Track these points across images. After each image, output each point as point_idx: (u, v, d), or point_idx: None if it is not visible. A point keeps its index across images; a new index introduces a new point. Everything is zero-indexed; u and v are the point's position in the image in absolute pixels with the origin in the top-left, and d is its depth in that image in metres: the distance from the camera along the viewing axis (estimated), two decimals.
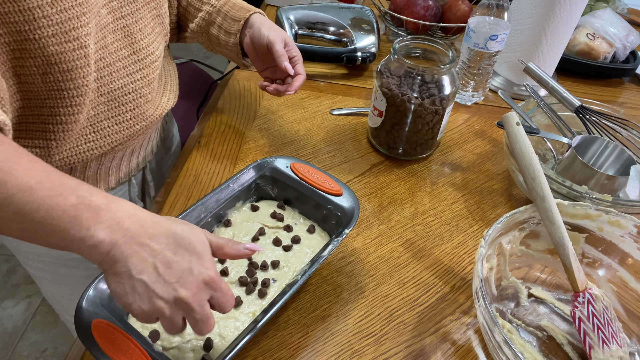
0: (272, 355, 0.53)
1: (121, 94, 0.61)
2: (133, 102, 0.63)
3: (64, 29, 0.49)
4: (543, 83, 0.81)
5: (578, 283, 0.56)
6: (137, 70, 0.62)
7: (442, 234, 0.69)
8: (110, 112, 0.61)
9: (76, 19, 0.49)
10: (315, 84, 0.98)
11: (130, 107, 0.63)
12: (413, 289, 0.61)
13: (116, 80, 0.60)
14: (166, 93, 0.73)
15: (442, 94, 0.72)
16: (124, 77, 0.61)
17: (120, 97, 0.61)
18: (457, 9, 1.06)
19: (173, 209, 0.69)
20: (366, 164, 0.79)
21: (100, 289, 0.48)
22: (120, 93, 0.61)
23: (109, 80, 0.59)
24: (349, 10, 1.06)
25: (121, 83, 0.61)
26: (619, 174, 0.70)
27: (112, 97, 0.60)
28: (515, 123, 0.59)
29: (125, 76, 0.61)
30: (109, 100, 0.60)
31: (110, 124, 0.62)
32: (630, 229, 0.58)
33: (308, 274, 0.53)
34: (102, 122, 0.61)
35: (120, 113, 0.62)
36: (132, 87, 0.62)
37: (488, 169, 0.81)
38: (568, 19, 0.90)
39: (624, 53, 1.09)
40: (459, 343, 0.56)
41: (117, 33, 0.58)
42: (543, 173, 0.57)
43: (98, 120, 0.60)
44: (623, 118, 0.77)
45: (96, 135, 0.61)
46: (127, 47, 0.60)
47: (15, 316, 1.59)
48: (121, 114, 0.63)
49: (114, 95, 0.60)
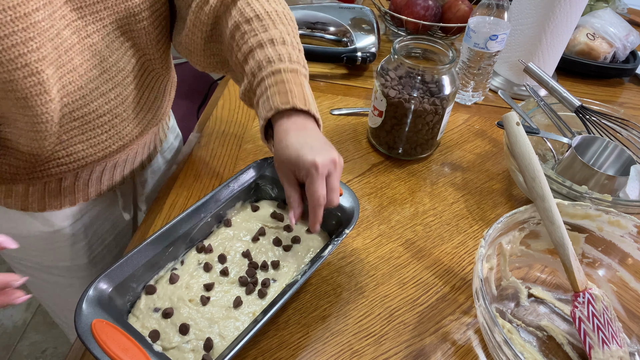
0: (272, 355, 0.53)
1: (96, 117, 0.59)
2: (109, 123, 0.61)
3: (9, 57, 0.45)
4: (543, 83, 0.81)
5: (578, 283, 0.56)
6: (109, 90, 0.59)
7: (442, 234, 0.69)
8: (84, 135, 0.59)
9: (22, 45, 0.45)
10: (315, 84, 0.98)
11: (105, 129, 0.61)
12: (413, 289, 0.61)
13: (89, 103, 0.57)
14: (153, 109, 0.68)
15: (442, 94, 0.72)
16: (98, 98, 0.58)
17: (95, 120, 0.59)
18: (457, 9, 1.06)
19: (173, 208, 0.69)
20: (366, 164, 0.79)
21: (100, 289, 0.48)
22: (94, 116, 0.58)
23: (82, 104, 0.56)
24: (349, 10, 1.06)
25: (95, 105, 0.58)
26: (619, 174, 0.70)
27: (86, 121, 0.58)
28: (515, 123, 0.59)
29: (99, 97, 0.58)
30: (83, 124, 0.58)
31: (84, 147, 0.60)
32: (630, 229, 0.58)
33: (308, 274, 0.53)
34: (76, 146, 0.59)
35: (95, 135, 0.60)
36: (107, 108, 0.59)
37: (488, 169, 0.81)
38: (568, 19, 0.90)
39: (624, 53, 1.09)
40: (459, 343, 0.56)
41: (84, 53, 0.54)
42: (543, 173, 0.57)
43: (71, 144, 0.58)
44: (623, 118, 0.77)
45: (69, 158, 0.60)
46: (96, 67, 0.56)
47: (15, 316, 1.59)
48: (96, 136, 0.60)
49: (88, 118, 0.58)
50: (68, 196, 0.67)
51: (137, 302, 0.52)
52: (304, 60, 0.58)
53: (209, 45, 0.62)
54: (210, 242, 0.59)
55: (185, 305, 0.52)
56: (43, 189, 0.65)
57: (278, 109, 0.52)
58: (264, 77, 0.54)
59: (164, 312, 0.51)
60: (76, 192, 0.68)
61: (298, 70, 0.55)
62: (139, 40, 0.60)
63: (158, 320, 0.51)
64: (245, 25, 0.57)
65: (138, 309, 0.52)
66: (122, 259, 0.51)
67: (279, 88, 0.53)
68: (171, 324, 0.51)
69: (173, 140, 0.89)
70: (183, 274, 0.56)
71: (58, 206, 0.67)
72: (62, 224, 0.70)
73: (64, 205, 0.68)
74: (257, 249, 0.59)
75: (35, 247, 0.72)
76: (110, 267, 0.50)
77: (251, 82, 0.56)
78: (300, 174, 0.52)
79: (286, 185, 0.54)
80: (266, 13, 0.57)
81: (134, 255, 0.52)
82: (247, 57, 0.56)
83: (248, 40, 0.56)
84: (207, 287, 0.54)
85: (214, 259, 0.58)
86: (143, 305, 0.52)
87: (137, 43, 0.60)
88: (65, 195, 0.67)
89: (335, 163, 0.52)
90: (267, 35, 0.56)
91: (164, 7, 0.61)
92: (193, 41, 0.62)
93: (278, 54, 0.55)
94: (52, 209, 0.67)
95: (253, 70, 0.56)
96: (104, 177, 0.70)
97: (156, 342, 0.49)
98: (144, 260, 0.52)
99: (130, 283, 0.52)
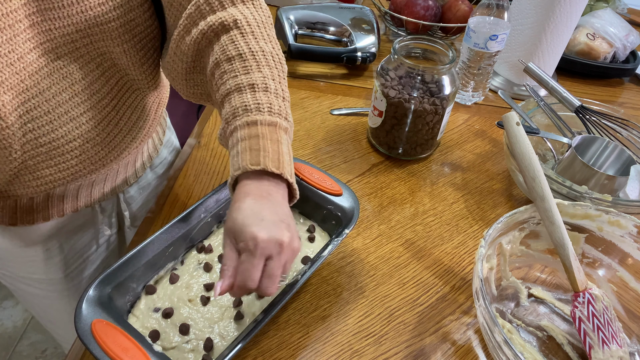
0: (272, 355, 0.53)
1: (65, 142, 0.55)
2: (79, 148, 0.57)
3: None
4: (543, 83, 0.81)
5: (578, 283, 0.56)
6: (81, 114, 0.55)
7: (442, 234, 0.69)
8: (52, 160, 0.56)
9: None
10: (315, 84, 0.98)
11: (75, 154, 0.57)
12: (413, 289, 0.61)
13: (58, 128, 0.54)
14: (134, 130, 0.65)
15: (442, 94, 0.72)
16: (67, 123, 0.54)
17: (64, 145, 0.55)
18: (457, 9, 1.06)
19: (173, 208, 0.69)
20: (366, 164, 0.79)
21: (100, 289, 0.48)
22: (63, 141, 0.55)
23: (50, 129, 0.53)
24: (349, 10, 1.06)
25: (64, 130, 0.54)
26: (619, 174, 0.70)
27: (54, 147, 0.55)
28: (515, 123, 0.59)
29: (69, 122, 0.54)
30: (50, 150, 0.54)
31: (52, 171, 0.57)
32: (630, 229, 0.58)
33: (308, 274, 0.53)
34: (43, 171, 0.56)
35: (64, 161, 0.57)
36: (78, 133, 0.56)
37: (488, 169, 0.81)
38: (568, 19, 0.90)
39: (624, 53, 1.09)
40: (459, 343, 0.56)
41: (53, 76, 0.51)
42: (543, 173, 0.57)
43: (38, 169, 0.55)
44: (623, 118, 0.77)
45: (36, 182, 0.57)
46: (66, 90, 0.53)
47: (15, 316, 1.59)
48: (65, 161, 0.57)
49: (56, 144, 0.55)
50: (41, 212, 0.64)
51: (137, 302, 0.52)
52: (287, 111, 0.50)
53: (191, 76, 0.57)
54: (210, 242, 0.59)
55: (185, 305, 0.52)
56: (15, 205, 0.61)
57: (246, 169, 0.45)
58: (237, 127, 0.48)
59: (164, 312, 0.51)
60: (50, 207, 0.64)
61: (278, 124, 0.48)
62: (119, 62, 0.57)
63: (158, 320, 0.51)
64: (226, 64, 0.50)
65: (138, 309, 0.52)
66: (122, 259, 0.51)
67: (251, 143, 0.46)
68: (171, 324, 0.51)
69: (167, 155, 0.84)
70: (183, 274, 0.56)
71: (30, 221, 0.64)
72: (36, 240, 0.67)
73: (37, 220, 0.64)
74: None
75: (10, 259, 0.70)
76: (111, 267, 0.50)
77: (225, 128, 0.50)
78: (239, 246, 0.44)
79: (226, 250, 0.45)
80: (250, 52, 0.50)
81: (134, 255, 0.52)
82: (224, 101, 0.50)
83: (227, 82, 0.50)
84: (207, 287, 0.54)
85: (214, 259, 0.58)
86: (143, 305, 0.52)
87: (117, 64, 0.57)
88: (38, 211, 0.64)
89: (282, 246, 0.43)
90: (248, 78, 0.49)
91: (144, 28, 0.56)
92: (174, 69, 0.57)
93: (257, 102, 0.48)
94: (25, 224, 0.64)
95: (227, 116, 0.49)
96: (81, 194, 0.66)
97: (156, 342, 0.49)
98: (144, 260, 0.52)
99: (130, 283, 0.52)
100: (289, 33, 0.99)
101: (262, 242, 0.42)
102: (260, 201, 0.44)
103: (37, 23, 0.48)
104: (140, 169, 0.77)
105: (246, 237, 0.42)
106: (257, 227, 0.42)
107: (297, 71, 1.01)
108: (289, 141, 0.50)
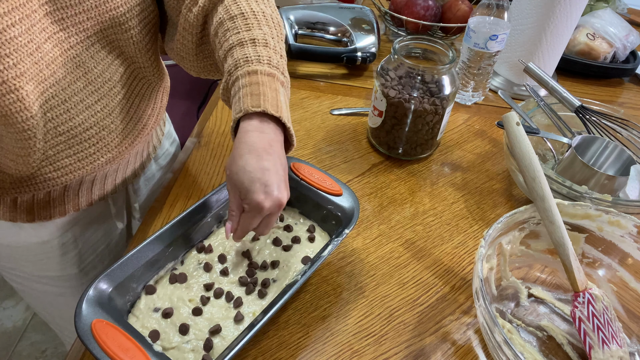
0: (272, 355, 0.53)
1: (82, 130, 0.57)
2: (96, 136, 0.59)
3: None
4: (543, 83, 0.81)
5: (578, 283, 0.56)
6: (95, 102, 0.57)
7: (442, 234, 0.69)
8: (71, 149, 0.58)
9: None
10: (315, 84, 0.98)
11: (93, 142, 0.59)
12: (413, 289, 0.61)
13: (75, 116, 0.56)
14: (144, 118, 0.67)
15: (442, 94, 0.72)
16: (83, 111, 0.56)
17: (81, 133, 0.57)
18: (457, 9, 1.06)
19: (173, 208, 0.69)
20: (366, 164, 0.79)
21: (100, 288, 0.48)
22: (80, 129, 0.57)
23: (66, 117, 0.55)
24: (349, 10, 1.06)
25: (81, 119, 0.56)
26: (619, 174, 0.70)
27: (72, 135, 0.57)
28: (515, 123, 0.59)
29: (84, 110, 0.56)
30: (69, 139, 0.57)
31: (72, 161, 0.59)
32: (630, 229, 0.58)
33: (308, 274, 0.53)
34: (63, 160, 0.58)
35: (83, 149, 0.59)
36: (94, 121, 0.58)
37: (488, 169, 0.81)
38: (568, 19, 0.90)
39: (624, 53, 1.09)
40: (459, 343, 0.56)
41: (67, 66, 0.53)
42: (543, 173, 0.57)
43: (58, 159, 0.57)
44: (623, 118, 0.77)
45: (57, 173, 0.59)
46: (80, 79, 0.55)
47: (15, 316, 1.59)
48: (83, 150, 0.59)
49: (74, 132, 0.57)
50: (58, 207, 0.66)
51: (137, 302, 0.52)
52: (284, 68, 0.55)
53: (200, 48, 0.61)
54: (210, 242, 0.59)
55: (185, 305, 0.52)
56: (32, 200, 0.63)
57: (247, 110, 0.49)
58: (239, 76, 0.52)
59: (164, 312, 0.51)
60: (66, 202, 0.66)
61: (275, 76, 0.52)
62: (127, 50, 0.59)
63: (158, 320, 0.51)
64: (229, 22, 0.54)
65: (138, 309, 0.52)
66: (122, 259, 0.51)
67: (252, 89, 0.50)
68: (171, 324, 0.51)
69: (169, 147, 0.87)
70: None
71: (48, 217, 0.66)
72: (52, 235, 0.69)
73: (54, 216, 0.66)
74: (257, 249, 0.59)
75: (25, 258, 0.71)
76: (111, 267, 0.50)
77: (227, 80, 0.53)
78: (244, 203, 0.50)
79: (231, 198, 0.51)
80: (252, 12, 0.55)
81: (134, 255, 0.52)
82: (227, 55, 0.54)
83: (229, 38, 0.54)
84: (207, 287, 0.54)
85: (214, 259, 0.58)
86: (143, 305, 0.52)
87: (125, 52, 0.59)
88: (54, 205, 0.66)
89: (281, 207, 0.49)
90: (250, 34, 0.54)
91: (153, 15, 0.60)
92: (185, 45, 0.60)
93: (258, 54, 0.52)
94: (42, 219, 0.66)
95: (230, 68, 0.53)
96: (95, 187, 0.68)
97: (156, 342, 0.49)
98: (144, 260, 0.52)
99: (130, 283, 0.52)
100: (289, 33, 0.99)
101: (266, 209, 0.48)
102: (264, 158, 0.48)
103: (50, 12, 0.49)
104: (147, 160, 0.79)
105: (252, 203, 0.48)
106: (262, 195, 0.48)
107: (297, 71, 1.01)
108: (285, 94, 0.54)
